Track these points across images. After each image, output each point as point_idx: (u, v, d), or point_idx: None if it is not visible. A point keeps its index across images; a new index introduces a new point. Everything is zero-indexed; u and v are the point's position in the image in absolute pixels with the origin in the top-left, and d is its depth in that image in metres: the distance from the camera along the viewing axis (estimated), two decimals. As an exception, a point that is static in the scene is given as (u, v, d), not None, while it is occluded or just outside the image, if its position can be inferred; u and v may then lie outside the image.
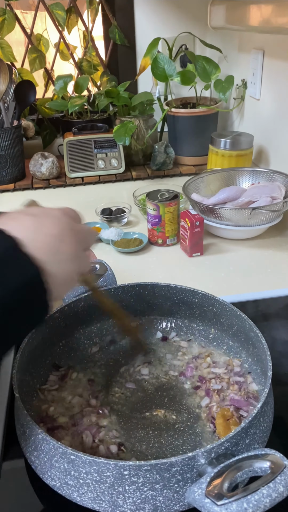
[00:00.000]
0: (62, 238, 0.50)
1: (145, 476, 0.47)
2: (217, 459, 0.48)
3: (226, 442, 0.49)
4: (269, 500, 0.42)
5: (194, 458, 0.47)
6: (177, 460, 0.47)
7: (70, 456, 0.49)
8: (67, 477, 0.51)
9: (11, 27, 1.67)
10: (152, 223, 1.18)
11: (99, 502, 0.49)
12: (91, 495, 0.50)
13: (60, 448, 0.50)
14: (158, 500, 0.48)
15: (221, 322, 0.75)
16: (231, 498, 0.42)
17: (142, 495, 0.48)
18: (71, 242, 0.51)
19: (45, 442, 0.52)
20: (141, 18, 1.74)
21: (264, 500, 0.41)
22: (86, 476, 0.49)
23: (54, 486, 0.53)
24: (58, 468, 0.51)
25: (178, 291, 0.78)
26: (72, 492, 0.51)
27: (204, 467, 0.48)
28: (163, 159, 1.61)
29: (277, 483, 0.43)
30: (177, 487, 0.48)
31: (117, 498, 0.48)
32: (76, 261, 0.51)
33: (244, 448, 0.52)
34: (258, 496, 0.42)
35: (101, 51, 1.84)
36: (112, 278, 0.80)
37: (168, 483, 0.48)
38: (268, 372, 0.58)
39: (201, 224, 1.10)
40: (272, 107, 1.46)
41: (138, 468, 0.46)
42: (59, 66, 1.88)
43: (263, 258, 1.13)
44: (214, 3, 1.60)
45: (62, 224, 0.51)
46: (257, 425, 0.54)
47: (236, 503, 0.42)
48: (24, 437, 0.56)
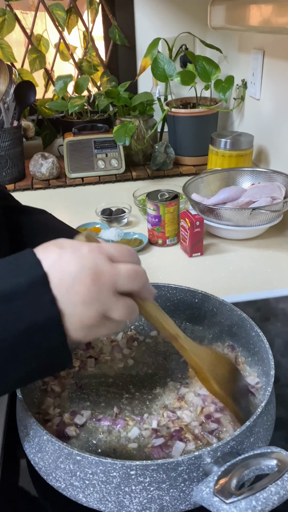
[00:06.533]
0: (78, 276, 0.45)
1: (151, 476, 0.47)
2: (222, 458, 0.48)
3: (231, 441, 0.50)
4: (277, 497, 0.42)
5: (200, 457, 0.48)
6: (183, 460, 0.47)
7: (76, 457, 0.49)
8: (73, 478, 0.51)
9: (11, 28, 1.68)
10: (152, 223, 1.18)
11: (105, 502, 0.50)
12: (97, 496, 0.50)
13: (65, 449, 0.50)
14: (164, 499, 0.48)
15: (221, 322, 0.75)
16: (239, 496, 0.42)
17: (148, 494, 0.48)
18: (88, 284, 0.46)
19: (50, 443, 0.52)
20: (141, 18, 1.74)
21: (272, 497, 0.42)
22: (92, 477, 0.49)
23: (59, 487, 0.53)
24: (63, 470, 0.51)
25: (178, 291, 0.78)
26: (78, 493, 0.51)
27: (210, 466, 0.48)
28: (163, 159, 1.61)
29: (284, 480, 0.43)
30: (183, 486, 0.48)
31: (123, 498, 0.49)
32: (95, 304, 0.46)
33: (249, 446, 0.52)
34: (267, 494, 0.42)
35: (101, 51, 1.84)
36: None
37: (175, 482, 0.48)
38: (271, 371, 0.59)
39: (201, 224, 1.11)
40: (272, 107, 1.47)
41: (145, 467, 0.47)
42: (59, 67, 1.88)
43: (263, 258, 1.14)
44: (214, 3, 1.60)
45: (85, 261, 0.46)
46: (261, 423, 0.55)
47: (245, 501, 0.42)
48: (27, 439, 0.56)
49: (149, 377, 0.72)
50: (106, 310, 0.47)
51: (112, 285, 0.47)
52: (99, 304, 0.46)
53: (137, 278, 0.50)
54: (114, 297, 0.47)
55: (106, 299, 0.47)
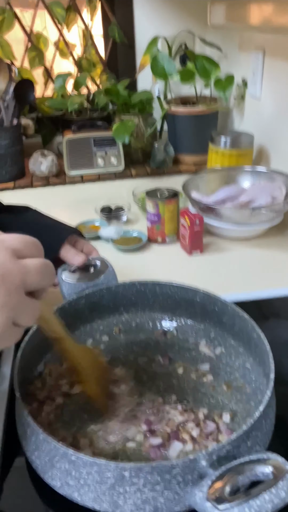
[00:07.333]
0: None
1: (145, 478, 0.47)
2: (218, 461, 0.48)
3: (227, 445, 0.49)
4: (270, 505, 0.41)
5: (195, 460, 0.47)
6: (178, 462, 0.47)
7: (71, 457, 0.49)
8: (68, 477, 0.51)
9: (11, 26, 1.67)
10: (151, 221, 1.18)
11: (99, 502, 0.49)
12: (91, 495, 0.49)
13: (61, 448, 0.50)
14: (159, 501, 0.48)
15: (223, 321, 0.75)
16: (232, 502, 0.42)
17: (142, 496, 0.48)
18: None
19: (46, 442, 0.52)
20: (141, 16, 1.74)
21: (266, 505, 0.41)
22: (86, 477, 0.49)
23: (55, 486, 0.53)
24: (59, 469, 0.51)
25: (179, 290, 0.77)
26: (73, 492, 0.51)
27: (206, 469, 0.47)
28: (163, 158, 1.60)
29: (279, 488, 0.42)
30: (178, 489, 0.48)
31: (117, 498, 0.48)
32: (4, 309, 0.40)
33: (246, 450, 0.52)
34: (260, 502, 0.41)
35: (101, 49, 1.84)
36: (113, 275, 0.80)
37: (169, 484, 0.48)
38: (271, 375, 0.58)
39: (201, 223, 1.10)
40: (273, 106, 1.46)
41: (139, 469, 0.46)
42: (58, 64, 1.88)
43: (263, 257, 1.13)
44: (214, 2, 1.59)
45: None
46: (259, 427, 0.54)
47: (237, 508, 0.41)
48: (25, 437, 0.56)
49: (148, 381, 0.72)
50: (16, 315, 0.42)
51: (21, 285, 0.42)
52: (8, 309, 0.41)
53: (47, 274, 0.45)
54: (23, 300, 0.42)
55: (15, 302, 0.41)
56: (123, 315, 0.81)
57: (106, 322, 0.81)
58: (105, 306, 0.79)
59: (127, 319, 0.81)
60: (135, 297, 0.79)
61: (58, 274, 0.79)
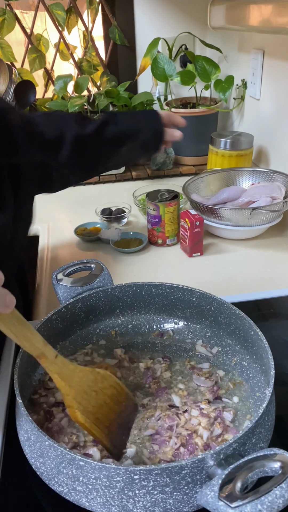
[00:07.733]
0: None
1: (155, 480, 0.47)
2: (225, 460, 0.49)
3: (234, 443, 0.50)
4: (282, 500, 0.42)
5: (203, 460, 0.48)
6: (187, 463, 0.47)
7: (79, 463, 0.49)
8: (75, 483, 0.50)
9: (11, 27, 1.67)
10: (152, 223, 1.18)
11: (108, 506, 0.49)
12: (100, 500, 0.49)
13: (68, 454, 0.49)
14: (168, 502, 0.48)
15: (219, 321, 0.75)
16: (244, 500, 0.42)
17: (152, 498, 0.48)
18: None
19: (53, 448, 0.51)
20: (141, 18, 1.74)
21: (277, 501, 0.42)
22: (95, 482, 0.49)
23: (62, 492, 0.52)
24: (66, 474, 0.51)
25: (175, 290, 0.78)
26: (81, 497, 0.51)
27: (214, 468, 0.48)
28: (163, 159, 1.61)
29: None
30: (187, 489, 0.48)
31: (127, 502, 0.49)
32: None
33: (251, 448, 0.52)
34: (271, 497, 0.42)
35: (101, 51, 1.84)
36: (108, 278, 0.80)
37: (178, 485, 0.48)
38: (271, 371, 0.59)
39: (201, 224, 1.11)
40: (272, 107, 1.46)
41: (149, 472, 0.47)
42: (59, 66, 1.88)
43: (263, 258, 1.14)
44: (214, 3, 1.60)
45: None
46: (263, 424, 0.55)
47: (250, 505, 0.42)
48: (28, 443, 0.56)
49: None
50: None
51: None
52: None
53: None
54: None
55: None
56: (119, 318, 0.82)
57: (103, 325, 0.81)
58: (102, 309, 0.80)
59: (123, 322, 0.82)
60: (131, 299, 0.80)
61: (53, 278, 0.79)
